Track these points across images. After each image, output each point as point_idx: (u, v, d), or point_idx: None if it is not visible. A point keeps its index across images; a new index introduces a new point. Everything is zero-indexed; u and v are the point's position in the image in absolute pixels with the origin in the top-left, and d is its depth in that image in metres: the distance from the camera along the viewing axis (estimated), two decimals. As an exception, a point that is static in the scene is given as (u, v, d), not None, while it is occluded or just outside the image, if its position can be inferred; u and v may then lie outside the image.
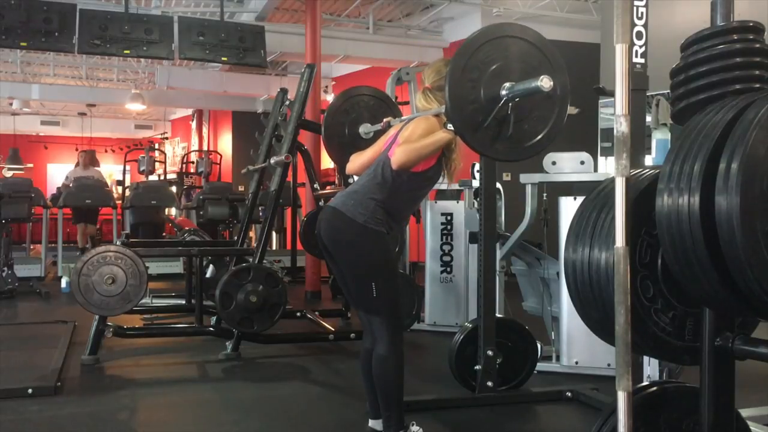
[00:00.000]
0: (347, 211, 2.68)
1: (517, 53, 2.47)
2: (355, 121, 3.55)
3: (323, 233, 2.77)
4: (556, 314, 4.15)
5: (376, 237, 2.67)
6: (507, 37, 2.48)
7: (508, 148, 2.51)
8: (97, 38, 6.31)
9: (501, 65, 2.44)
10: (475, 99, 2.41)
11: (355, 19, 9.88)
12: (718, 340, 1.66)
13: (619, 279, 1.61)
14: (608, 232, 1.74)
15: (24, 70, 12.64)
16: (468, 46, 2.42)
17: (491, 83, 2.42)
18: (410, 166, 2.65)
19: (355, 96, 3.70)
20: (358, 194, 2.72)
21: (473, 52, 2.41)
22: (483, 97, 2.41)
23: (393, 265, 2.84)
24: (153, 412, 3.49)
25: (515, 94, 2.40)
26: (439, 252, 5.44)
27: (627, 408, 1.62)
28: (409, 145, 2.64)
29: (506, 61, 2.45)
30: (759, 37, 1.66)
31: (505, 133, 2.45)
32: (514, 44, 2.48)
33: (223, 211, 8.56)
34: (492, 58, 2.43)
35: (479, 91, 2.41)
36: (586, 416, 3.29)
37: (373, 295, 2.67)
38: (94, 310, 4.26)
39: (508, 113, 2.43)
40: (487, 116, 2.41)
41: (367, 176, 2.78)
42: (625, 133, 1.65)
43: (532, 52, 2.50)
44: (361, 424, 2.97)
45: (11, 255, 7.61)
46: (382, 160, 2.76)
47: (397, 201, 2.73)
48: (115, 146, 17.58)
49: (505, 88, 2.41)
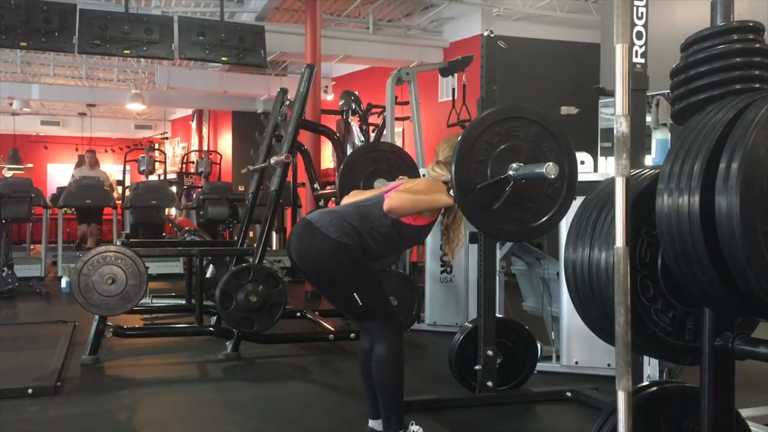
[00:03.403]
0: (321, 226, 2.64)
1: (530, 136, 2.54)
2: (373, 173, 3.61)
3: (293, 249, 2.72)
4: (556, 314, 4.15)
5: (345, 248, 2.61)
6: (521, 119, 2.54)
7: (500, 224, 2.55)
8: (97, 38, 6.31)
9: (510, 145, 2.51)
10: (481, 168, 2.49)
11: (355, 19, 9.88)
12: (718, 340, 1.66)
13: (619, 279, 1.61)
14: (608, 232, 1.74)
15: (24, 70, 12.63)
16: (482, 121, 2.51)
17: (500, 160, 2.49)
18: (400, 213, 2.64)
19: (381, 150, 3.77)
20: (335, 214, 2.71)
21: (486, 128, 2.49)
22: (489, 170, 2.48)
23: (369, 270, 2.74)
24: (153, 412, 3.49)
25: (521, 175, 2.47)
26: (439, 252, 5.43)
27: (627, 408, 1.62)
28: (406, 194, 2.66)
29: (518, 142, 2.52)
30: (759, 37, 1.66)
31: (494, 206, 2.50)
32: (528, 127, 2.55)
33: (223, 211, 8.56)
34: (503, 139, 2.51)
35: (487, 163, 2.49)
36: (586, 416, 3.29)
37: (358, 304, 2.66)
38: (94, 310, 4.26)
39: (506, 189, 2.49)
40: (491, 193, 2.48)
41: (352, 205, 2.77)
42: (625, 133, 1.65)
43: (544, 136, 2.56)
44: (361, 424, 2.97)
45: (11, 255, 7.61)
46: (375, 199, 2.76)
47: (373, 238, 2.67)
48: (115, 146, 17.57)
49: (513, 168, 2.48)
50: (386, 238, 2.70)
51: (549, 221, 2.61)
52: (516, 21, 9.31)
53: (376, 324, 2.70)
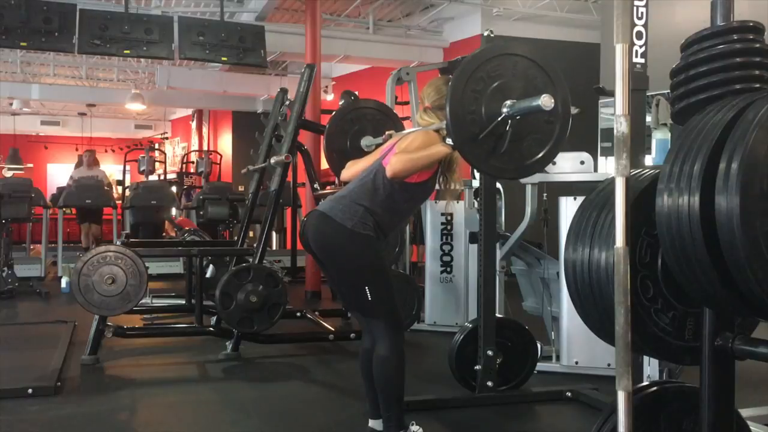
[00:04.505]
0: (335, 216, 2.66)
1: (520, 71, 2.49)
2: (358, 132, 3.58)
3: (311, 239, 2.75)
4: (556, 314, 4.15)
5: (365, 241, 2.64)
6: (509, 55, 2.49)
7: (505, 165, 2.52)
8: (97, 38, 6.32)
9: (502, 83, 2.46)
10: (476, 112, 2.43)
11: (355, 19, 9.88)
12: (718, 340, 1.66)
13: (619, 279, 1.61)
14: (608, 232, 1.74)
15: (24, 70, 12.63)
16: (470, 64, 2.44)
17: (493, 99, 2.44)
18: (404, 175, 2.64)
19: (361, 108, 3.72)
20: (345, 199, 2.71)
21: (476, 68, 2.43)
22: (484, 112, 2.43)
23: (384, 268, 2.79)
24: (153, 412, 3.49)
25: (516, 111, 2.42)
26: (439, 252, 5.44)
27: (627, 408, 1.62)
28: (405, 155, 2.63)
29: (508, 78, 2.47)
30: (759, 37, 1.66)
31: (500, 150, 2.46)
32: (517, 62, 2.50)
33: (223, 211, 8.56)
34: (494, 76, 2.45)
35: (481, 105, 2.43)
36: (586, 416, 3.29)
37: (368, 299, 2.66)
38: (94, 310, 4.26)
39: (506, 130, 2.44)
40: (488, 133, 2.43)
41: (357, 182, 2.77)
42: (625, 133, 1.65)
43: (534, 71, 2.51)
44: (361, 424, 2.97)
45: (11, 255, 7.61)
46: (375, 168, 2.75)
47: (384, 210, 2.70)
48: (115, 146, 17.56)
49: (506, 105, 2.43)
50: (398, 203, 2.72)
51: (540, 160, 2.56)
52: (516, 21, 9.30)
53: (379, 322, 2.70)
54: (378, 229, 2.69)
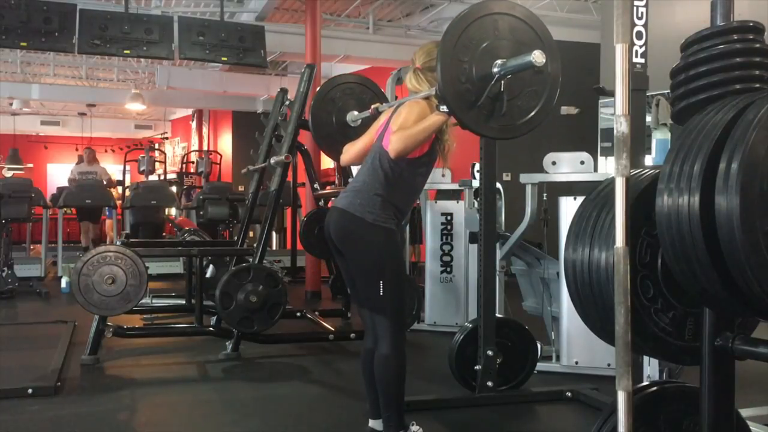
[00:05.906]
0: (356, 211, 2.68)
1: (508, 30, 2.44)
2: (342, 109, 3.56)
3: (333, 234, 2.78)
4: (556, 314, 4.15)
5: (387, 234, 2.68)
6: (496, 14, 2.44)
7: (502, 126, 2.48)
8: (97, 38, 6.31)
9: (492, 43, 2.41)
10: (468, 77, 2.38)
11: (355, 19, 9.88)
12: (718, 340, 1.66)
13: (619, 279, 1.61)
14: (608, 232, 1.74)
15: (24, 70, 12.63)
16: (458, 25, 2.38)
17: (483, 61, 2.39)
18: (408, 152, 2.63)
19: (340, 84, 3.70)
20: (361, 192, 2.72)
21: (463, 31, 2.38)
22: (475, 75, 2.38)
23: (400, 265, 2.83)
24: (153, 412, 3.49)
25: (507, 70, 2.37)
26: (439, 252, 5.44)
27: (627, 408, 1.62)
28: (404, 132, 2.61)
29: (497, 38, 2.42)
30: (759, 37, 1.66)
31: (499, 111, 2.42)
32: (504, 21, 2.45)
33: (223, 211, 8.56)
34: (482, 36, 2.40)
35: (471, 69, 2.38)
36: (586, 416, 3.29)
37: (379, 293, 2.67)
38: (94, 310, 4.26)
39: (500, 91, 2.40)
40: (481, 94, 2.38)
41: (366, 172, 2.77)
42: (625, 133, 1.65)
43: (522, 29, 2.47)
44: (361, 424, 2.97)
45: (11, 255, 7.61)
46: (377, 151, 2.75)
47: (400, 191, 2.73)
48: (115, 146, 17.57)
49: (497, 65, 2.38)
50: (411, 179, 2.75)
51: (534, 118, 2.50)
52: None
53: (384, 320, 2.70)
54: (398, 214, 2.74)
